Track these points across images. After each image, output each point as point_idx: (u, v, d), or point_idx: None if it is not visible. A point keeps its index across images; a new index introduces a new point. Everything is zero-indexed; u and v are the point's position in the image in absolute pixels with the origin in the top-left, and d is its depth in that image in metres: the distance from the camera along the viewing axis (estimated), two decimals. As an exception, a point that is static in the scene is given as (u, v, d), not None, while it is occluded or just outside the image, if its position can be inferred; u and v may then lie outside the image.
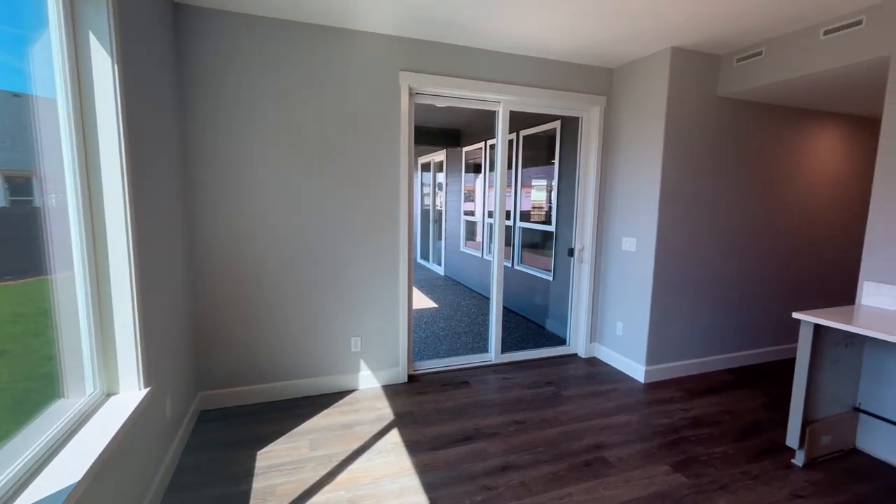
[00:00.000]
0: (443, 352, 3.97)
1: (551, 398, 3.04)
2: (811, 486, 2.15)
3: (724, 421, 2.77)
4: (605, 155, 3.64)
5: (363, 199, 2.97)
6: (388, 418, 2.72)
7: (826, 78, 2.73)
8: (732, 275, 3.54)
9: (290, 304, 2.89)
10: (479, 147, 6.47)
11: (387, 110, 2.96)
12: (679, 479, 2.17)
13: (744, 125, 3.39)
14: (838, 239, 4.03)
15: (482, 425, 2.66)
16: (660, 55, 3.10)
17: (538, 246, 5.07)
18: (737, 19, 2.56)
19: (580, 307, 3.83)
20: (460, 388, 3.17)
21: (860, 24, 2.41)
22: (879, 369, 2.38)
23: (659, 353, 3.36)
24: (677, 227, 3.25)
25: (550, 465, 2.28)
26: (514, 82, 3.26)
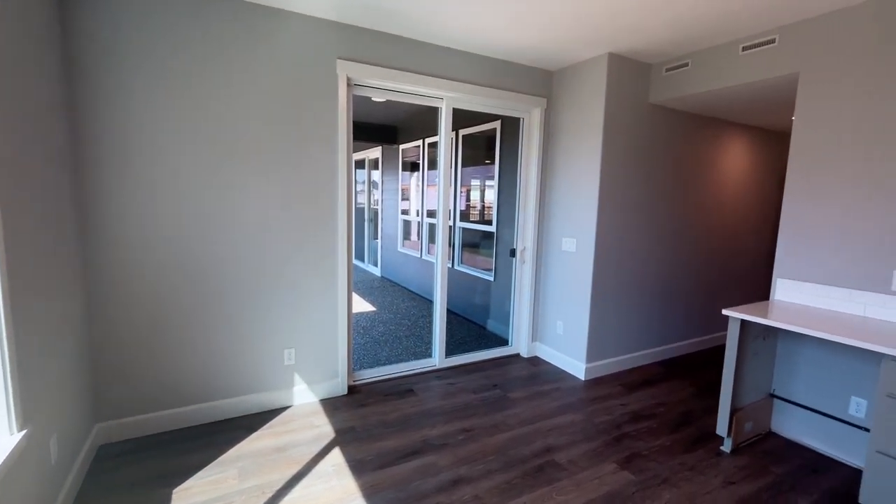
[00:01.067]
0: (384, 358, 3.79)
1: (498, 402, 2.99)
2: (739, 471, 2.30)
3: (659, 413, 2.90)
4: (546, 156, 3.68)
5: (297, 198, 2.71)
6: (328, 436, 2.50)
7: (744, 91, 2.96)
8: (662, 273, 3.75)
9: (211, 316, 2.55)
10: (416, 145, 6.33)
11: (323, 101, 2.72)
12: (626, 477, 2.21)
13: (672, 132, 3.60)
14: (751, 240, 4.45)
15: (430, 436, 2.54)
16: (598, 60, 3.17)
17: (478, 246, 5.05)
18: (665, 32, 2.68)
19: (522, 307, 3.85)
20: (405, 397, 3.02)
21: (774, 42, 2.62)
22: (791, 358, 2.61)
23: (598, 350, 3.46)
24: (614, 228, 3.37)
25: (503, 473, 2.21)
26: (458, 79, 3.17)
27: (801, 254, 2.54)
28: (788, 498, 2.10)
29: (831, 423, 2.45)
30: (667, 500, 2.05)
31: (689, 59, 3.07)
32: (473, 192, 5.21)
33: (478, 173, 5.05)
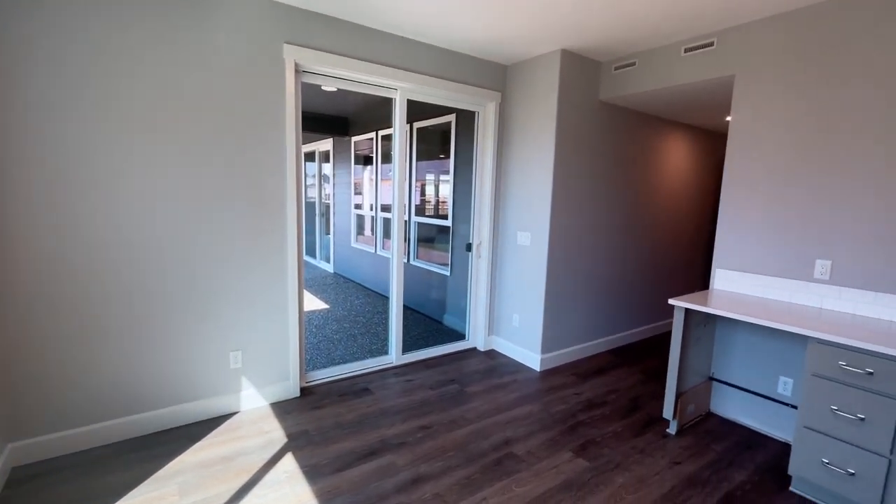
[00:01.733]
0: (338, 357, 3.67)
1: (456, 396, 2.98)
2: (684, 451, 2.43)
3: (610, 401, 3.01)
4: (501, 151, 3.69)
5: (242, 192, 2.53)
6: (279, 442, 2.37)
7: (686, 91, 3.11)
8: (612, 264, 3.89)
9: (146, 319, 2.34)
10: (369, 137, 6.18)
11: (269, 88, 2.55)
12: (582, 464, 2.27)
13: (620, 130, 3.73)
14: (691, 232, 4.73)
15: (388, 435, 2.48)
16: (551, 56, 3.21)
17: (434, 241, 5.01)
18: (613, 30, 2.75)
19: (478, 301, 3.86)
20: (361, 397, 2.93)
21: (712, 45, 2.76)
22: (727, 343, 2.79)
23: (552, 342, 3.54)
24: (567, 222, 3.44)
25: (463, 469, 2.20)
26: (413, 70, 3.10)
27: (737, 245, 2.71)
28: (727, 474, 2.24)
29: (762, 402, 2.65)
30: (620, 484, 2.12)
31: (636, 59, 3.18)
32: (428, 187, 5.16)
33: (433, 167, 5.01)
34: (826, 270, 2.35)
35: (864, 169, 2.21)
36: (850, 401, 1.89)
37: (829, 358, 1.93)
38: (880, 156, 2.16)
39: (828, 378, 1.94)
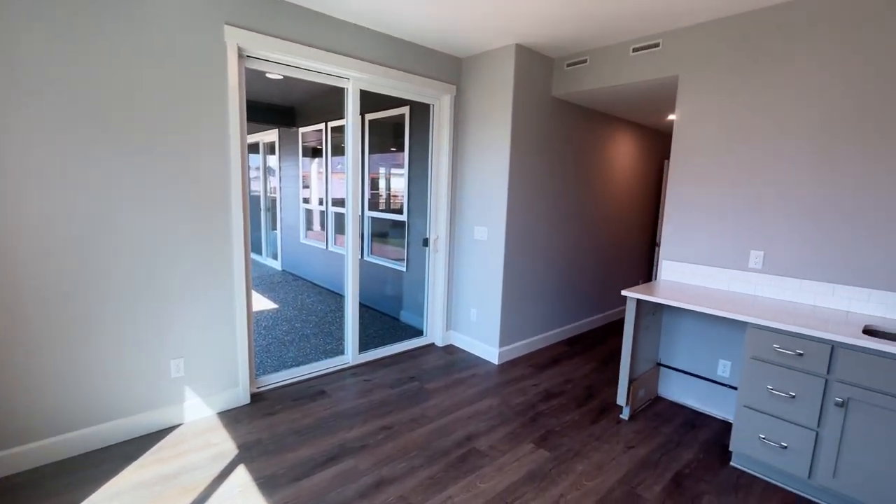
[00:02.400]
0: (291, 360, 3.50)
1: (416, 394, 2.94)
2: (637, 435, 2.55)
3: (567, 390, 3.10)
4: (457, 144, 3.67)
5: (182, 185, 2.32)
6: (229, 454, 2.22)
7: (634, 89, 3.22)
8: (565, 257, 4.00)
9: (72, 327, 2.09)
10: (318, 129, 5.93)
11: (210, 73, 2.35)
12: (543, 455, 2.31)
13: (572, 126, 3.82)
14: (637, 226, 4.96)
15: (348, 438, 2.40)
16: (506, 50, 3.21)
17: (388, 236, 4.91)
18: (566, 27, 2.80)
19: (436, 296, 3.83)
20: (317, 400, 2.81)
21: (658, 46, 2.88)
22: (673, 330, 2.95)
23: (510, 334, 3.58)
24: (523, 217, 3.49)
25: (426, 468, 2.17)
26: (367, 59, 2.98)
27: (682, 238, 2.87)
28: (676, 454, 2.37)
29: (704, 384, 2.83)
30: (580, 471, 2.19)
31: (587, 56, 3.25)
32: (382, 180, 5.04)
33: (386, 160, 4.89)
34: (759, 260, 2.53)
35: (791, 167, 2.39)
36: (783, 380, 2.05)
37: (765, 342, 2.09)
38: (805, 155, 2.35)
39: (764, 360, 2.10)
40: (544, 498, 1.99)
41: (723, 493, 2.07)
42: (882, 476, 1.82)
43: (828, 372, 1.93)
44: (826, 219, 2.30)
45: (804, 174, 2.36)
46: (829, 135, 2.27)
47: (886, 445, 1.80)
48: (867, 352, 1.82)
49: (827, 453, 1.95)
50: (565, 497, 2.00)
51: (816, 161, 2.31)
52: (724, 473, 2.22)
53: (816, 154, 2.31)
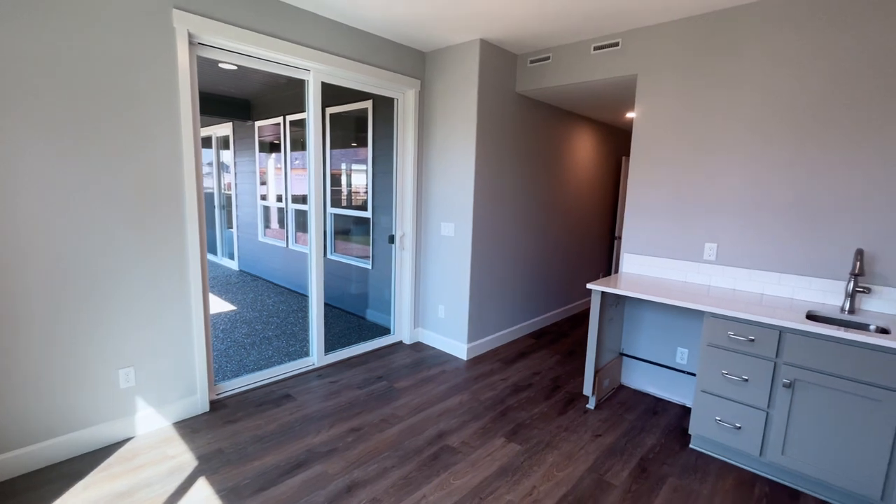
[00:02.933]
0: (252, 364, 3.36)
1: (385, 394, 2.89)
2: (603, 423, 2.63)
3: (535, 382, 3.15)
4: (422, 140, 3.63)
5: (131, 181, 2.15)
6: (188, 466, 2.09)
7: (595, 87, 3.30)
8: (531, 251, 4.06)
9: (4, 338, 1.89)
10: (276, 122, 5.71)
11: (158, 61, 2.19)
12: (515, 448, 2.33)
13: (536, 122, 3.87)
14: (597, 220, 5.10)
15: (315, 443, 2.32)
16: (469, 45, 3.20)
17: (352, 233, 4.81)
18: (530, 23, 2.82)
19: (403, 294, 3.78)
20: (282, 404, 2.71)
21: (618, 45, 2.96)
22: (634, 320, 3.06)
23: (478, 330, 3.60)
24: (490, 212, 3.50)
25: (399, 469, 2.13)
26: (328, 51, 2.88)
27: (642, 231, 2.97)
28: (640, 439, 2.46)
29: (664, 372, 2.96)
30: (551, 462, 2.22)
31: (550, 54, 3.30)
32: (344, 177, 4.92)
33: (348, 156, 4.77)
34: (713, 252, 2.67)
35: (738, 165, 2.53)
36: (736, 365, 2.17)
37: (721, 329, 2.20)
38: (750, 154, 2.48)
39: (719, 347, 2.21)
40: (518, 491, 2.00)
41: (684, 474, 2.17)
42: (824, 450, 1.96)
43: (776, 356, 2.06)
44: (770, 213, 2.45)
45: (750, 172, 2.49)
46: (771, 136, 2.41)
47: (827, 422, 1.95)
48: (810, 335, 1.95)
49: (776, 432, 2.08)
50: (538, 489, 2.03)
51: (761, 160, 2.46)
52: (685, 455, 2.33)
53: (761, 154, 2.45)
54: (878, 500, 1.85)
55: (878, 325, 2.01)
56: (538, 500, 1.95)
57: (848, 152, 2.21)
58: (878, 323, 2.03)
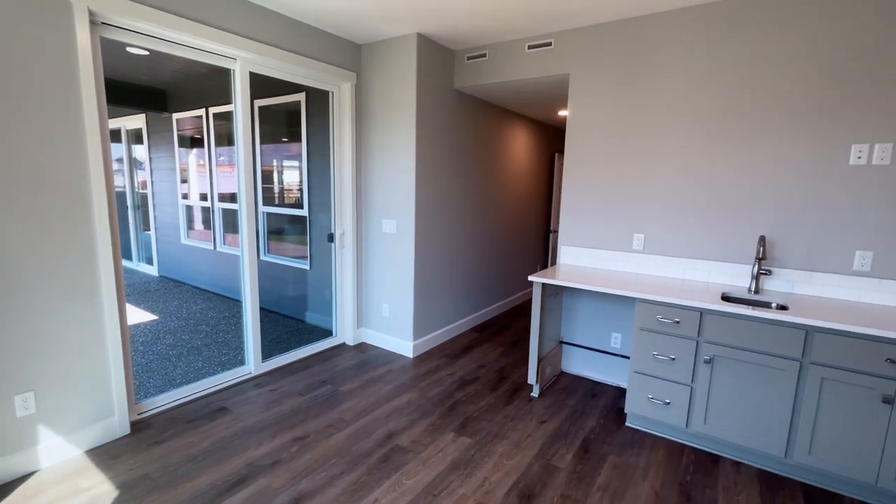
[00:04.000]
0: (180, 377, 3.09)
1: (330, 398, 2.79)
2: (546, 410, 2.73)
3: (481, 375, 3.20)
4: (360, 135, 3.53)
5: (23, 183, 1.87)
6: (106, 498, 1.88)
7: (530, 85, 3.40)
8: (473, 245, 4.11)
9: None
10: (197, 115, 5.27)
11: (53, 42, 1.91)
12: (465, 442, 2.35)
13: (474, 118, 3.91)
14: (533, 214, 5.28)
15: (257, 456, 2.18)
16: (407, 39, 3.16)
17: (288, 233, 4.58)
18: (465, 20, 2.84)
19: (345, 294, 3.67)
20: (216, 418, 2.52)
21: (551, 45, 3.06)
22: (572, 309, 3.21)
23: (423, 327, 3.58)
24: (431, 208, 3.49)
25: (348, 475, 2.07)
26: (256, 39, 2.70)
27: (577, 224, 3.12)
28: (581, 422, 2.59)
29: (600, 356, 3.13)
30: (500, 452, 2.27)
31: (486, 51, 3.34)
32: (276, 173, 4.66)
33: (280, 152, 4.53)
34: (641, 242, 2.86)
35: (664, 160, 2.73)
36: (664, 346, 2.35)
37: (650, 313, 2.37)
38: (675, 150, 2.69)
39: (650, 330, 2.38)
40: (470, 483, 2.02)
41: (622, 451, 2.32)
42: (738, 417, 2.19)
43: (698, 335, 2.25)
44: (690, 205, 2.68)
45: (672, 167, 2.71)
46: (689, 135, 2.63)
47: (741, 392, 2.17)
48: (725, 315, 2.16)
49: (699, 404, 2.28)
50: (489, 479, 2.06)
51: (681, 157, 2.67)
52: (622, 433, 2.49)
53: (681, 151, 2.67)
54: (782, 456, 2.09)
55: (778, 303, 2.28)
56: (490, 490, 1.99)
57: (750, 151, 2.47)
58: (778, 301, 2.29)
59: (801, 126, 2.33)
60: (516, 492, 1.98)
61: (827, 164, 2.29)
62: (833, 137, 2.27)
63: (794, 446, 2.06)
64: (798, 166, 2.36)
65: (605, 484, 2.06)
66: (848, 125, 2.23)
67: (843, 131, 2.24)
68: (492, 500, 1.92)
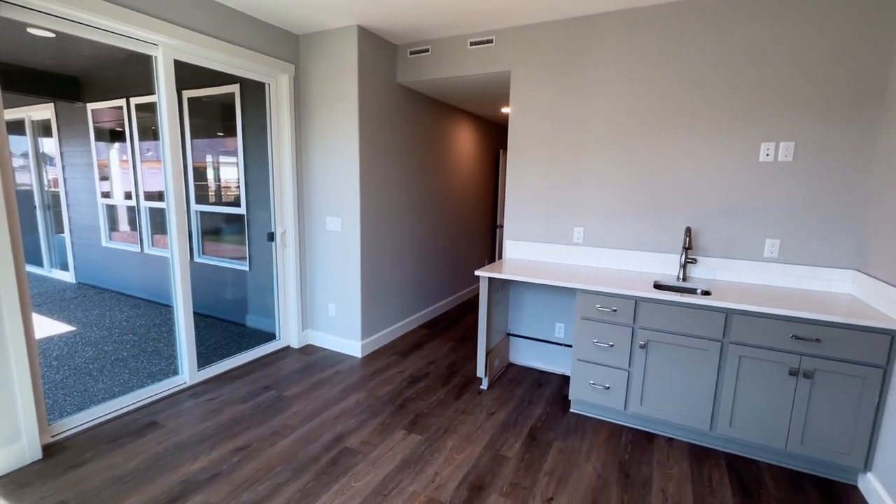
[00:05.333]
0: (102, 393, 2.82)
1: (274, 404, 2.67)
2: (495, 401, 2.78)
3: (431, 371, 3.20)
4: (301, 130, 3.39)
5: None
6: (15, 531, 1.68)
7: (472, 81, 3.43)
8: (420, 242, 4.09)
9: None
10: (117, 106, 4.83)
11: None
12: (415, 439, 2.34)
13: (419, 113, 3.88)
14: (479, 209, 5.34)
15: (193, 471, 2.04)
16: (347, 31, 3.07)
17: (224, 232, 4.32)
18: (406, 14, 2.81)
19: (288, 295, 3.53)
20: (146, 434, 2.33)
21: (492, 42, 3.10)
22: (518, 302, 3.29)
23: (372, 325, 3.52)
24: (377, 205, 3.43)
25: (294, 482, 1.99)
26: (182, 24, 2.51)
27: (521, 219, 3.19)
28: (529, 411, 2.67)
29: (546, 346, 3.24)
30: (450, 447, 2.28)
31: (429, 46, 3.33)
32: (210, 170, 4.38)
33: (216, 146, 4.26)
34: (581, 235, 2.98)
35: (601, 156, 2.86)
36: (604, 333, 2.47)
37: (590, 303, 2.47)
38: (611, 146, 2.83)
39: (590, 319, 2.49)
40: (420, 480, 2.02)
41: (567, 436, 2.41)
42: (670, 397, 2.35)
43: (633, 322, 2.39)
44: (625, 199, 2.83)
45: (608, 163, 2.84)
46: (624, 132, 2.77)
47: (671, 373, 2.33)
48: (656, 302, 2.30)
49: (636, 387, 2.42)
50: (440, 474, 2.06)
51: (617, 152, 2.81)
52: (566, 419, 2.59)
53: (616, 147, 2.81)
54: (707, 429, 2.27)
55: (702, 289, 2.46)
56: (441, 485, 1.99)
57: (676, 149, 2.65)
58: (703, 287, 2.48)
59: (718, 127, 2.53)
60: (466, 484, 2.00)
61: (740, 160, 2.51)
62: (745, 137, 2.48)
63: (718, 420, 2.25)
64: (717, 163, 2.56)
65: (551, 469, 2.13)
66: (757, 126, 2.44)
67: (753, 131, 2.46)
68: (443, 495, 1.93)
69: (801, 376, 2.04)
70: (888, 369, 1.90)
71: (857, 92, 2.22)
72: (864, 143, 2.24)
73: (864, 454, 1.97)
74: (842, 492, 2.02)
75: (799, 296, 2.27)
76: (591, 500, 1.93)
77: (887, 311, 1.95)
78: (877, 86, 2.18)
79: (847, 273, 2.33)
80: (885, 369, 1.90)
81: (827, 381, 2.01)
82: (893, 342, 1.88)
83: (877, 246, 2.12)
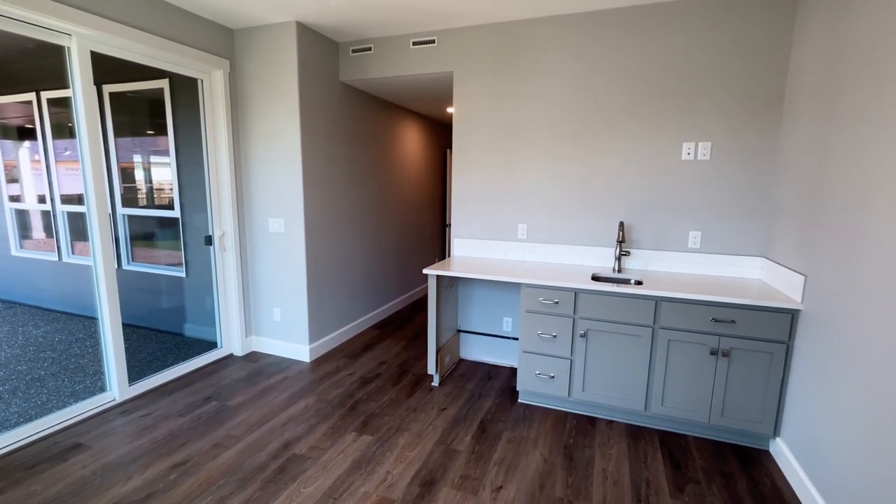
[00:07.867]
0: (15, 417, 2.56)
1: (216, 415, 2.55)
2: (447, 397, 2.82)
3: (382, 372, 3.19)
4: (238, 128, 3.25)
5: None
6: (-90, 578, 1.49)
7: (416, 81, 3.44)
8: (368, 242, 4.05)
9: None
10: (25, 100, 4.37)
11: None
12: (366, 440, 2.33)
13: (363, 112, 3.84)
14: (428, 208, 5.36)
15: (124, 493, 1.91)
16: (285, 27, 2.98)
17: (158, 237, 4.05)
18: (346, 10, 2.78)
19: (229, 301, 3.37)
20: (70, 458, 2.15)
21: (434, 42, 3.14)
22: (467, 298, 3.35)
23: (320, 328, 3.45)
24: (322, 205, 3.36)
25: (239, 493, 1.92)
26: (98, 13, 2.32)
27: (467, 217, 3.25)
28: (479, 404, 2.73)
29: (494, 340, 3.33)
30: (402, 445, 2.29)
31: (371, 44, 3.30)
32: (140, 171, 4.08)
33: (146, 146, 3.97)
34: (525, 232, 3.09)
35: (541, 155, 2.98)
36: (547, 325, 2.58)
37: (534, 297, 2.57)
38: (551, 145, 2.95)
39: (534, 312, 2.59)
40: (372, 480, 2.01)
41: (516, 426, 2.50)
42: (608, 382, 2.49)
43: (574, 312, 2.51)
44: (565, 196, 2.96)
45: (546, 161, 2.96)
46: (563, 132, 2.90)
47: (609, 359, 2.47)
48: (594, 293, 2.44)
49: (578, 374, 2.55)
50: (391, 473, 2.07)
51: (557, 152, 2.94)
52: (515, 410, 2.67)
53: (557, 147, 2.93)
54: (642, 410, 2.44)
55: (635, 279, 2.63)
56: (392, 483, 2.00)
57: (608, 149, 2.81)
58: (636, 277, 2.66)
59: (645, 128, 2.72)
60: (418, 480, 2.02)
61: (664, 159, 2.71)
62: (669, 138, 2.68)
63: (651, 400, 2.42)
64: (645, 162, 2.75)
65: (500, 459, 2.20)
66: (680, 127, 2.65)
67: (676, 132, 2.66)
68: (394, 493, 1.93)
69: (720, 355, 2.25)
70: (790, 344, 2.14)
71: (762, 96, 2.47)
72: (770, 142, 2.50)
73: (773, 421, 2.21)
74: (756, 456, 2.24)
75: (718, 282, 2.49)
76: (539, 484, 2.01)
77: (789, 293, 2.20)
78: (777, 91, 2.44)
79: (757, 260, 2.59)
80: (787, 345, 2.14)
81: (741, 358, 2.22)
82: (794, 320, 2.12)
83: (779, 235, 2.38)
